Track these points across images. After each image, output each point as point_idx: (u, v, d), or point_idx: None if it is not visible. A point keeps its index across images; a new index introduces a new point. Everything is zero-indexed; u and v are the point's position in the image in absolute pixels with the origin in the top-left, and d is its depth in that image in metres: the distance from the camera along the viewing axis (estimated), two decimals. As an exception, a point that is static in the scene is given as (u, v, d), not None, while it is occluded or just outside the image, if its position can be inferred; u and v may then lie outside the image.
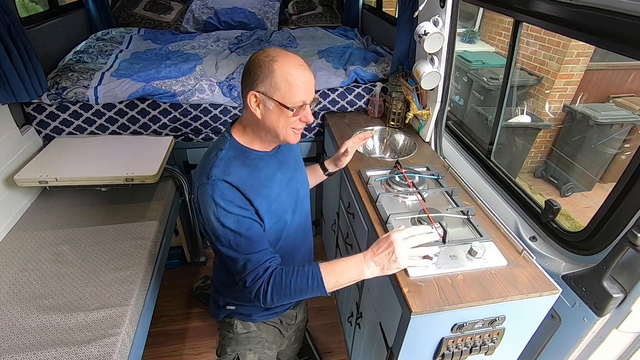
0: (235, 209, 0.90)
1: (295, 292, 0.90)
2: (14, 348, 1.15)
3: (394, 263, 0.88)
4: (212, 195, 0.89)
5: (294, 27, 3.22)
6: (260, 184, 0.96)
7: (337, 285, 0.91)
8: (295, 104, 0.89)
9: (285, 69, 0.86)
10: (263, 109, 0.90)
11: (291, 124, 0.92)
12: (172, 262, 2.40)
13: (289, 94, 0.87)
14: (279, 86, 0.87)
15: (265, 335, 1.23)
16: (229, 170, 0.91)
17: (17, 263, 1.45)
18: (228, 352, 1.18)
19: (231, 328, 1.20)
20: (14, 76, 1.59)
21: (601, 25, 0.94)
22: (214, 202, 0.89)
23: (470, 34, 5.01)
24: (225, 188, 0.89)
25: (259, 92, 0.88)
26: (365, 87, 2.08)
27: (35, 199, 1.81)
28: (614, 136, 3.36)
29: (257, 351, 1.19)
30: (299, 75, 0.87)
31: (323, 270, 0.90)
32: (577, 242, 1.10)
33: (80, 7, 2.62)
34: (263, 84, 0.87)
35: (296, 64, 0.88)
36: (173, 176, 2.02)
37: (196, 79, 1.99)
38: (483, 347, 1.06)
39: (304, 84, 0.89)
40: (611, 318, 0.98)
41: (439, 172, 1.46)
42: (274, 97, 0.88)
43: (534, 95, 3.95)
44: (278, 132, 0.93)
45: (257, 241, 0.92)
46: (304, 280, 0.89)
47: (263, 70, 0.86)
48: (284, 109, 0.89)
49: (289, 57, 0.88)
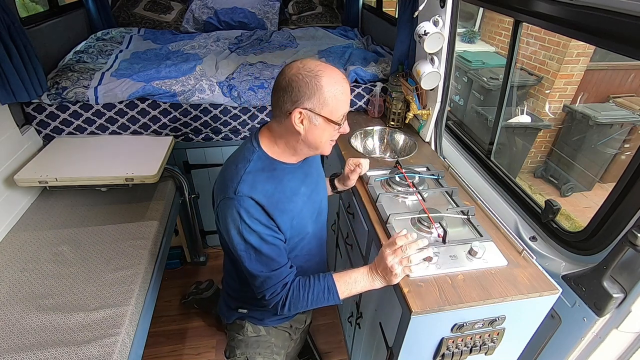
0: (259, 226, 0.89)
1: (312, 303, 0.95)
2: (14, 348, 1.15)
3: (392, 275, 0.93)
4: (238, 212, 0.87)
5: (294, 27, 3.22)
6: (286, 198, 0.95)
7: (350, 294, 0.97)
8: (340, 118, 0.90)
9: (332, 84, 0.85)
10: (307, 125, 0.88)
11: (332, 136, 0.94)
12: (172, 262, 2.40)
13: (336, 109, 0.88)
14: (327, 102, 0.86)
15: (274, 340, 1.22)
16: (256, 186, 0.90)
17: (17, 263, 1.45)
18: (237, 354, 1.18)
19: (241, 330, 1.19)
20: (14, 76, 1.59)
21: (601, 25, 0.94)
22: (239, 218, 0.88)
23: (470, 34, 5.01)
24: (250, 205, 0.88)
25: (306, 109, 0.86)
26: (365, 87, 2.08)
27: (35, 199, 1.81)
28: (614, 136, 3.36)
29: (266, 356, 1.19)
30: (344, 89, 0.89)
31: (337, 281, 0.95)
32: (577, 242, 1.10)
33: (80, 7, 2.62)
34: (310, 100, 0.85)
35: (341, 79, 0.88)
36: (173, 176, 2.02)
37: (196, 79, 1.99)
38: (483, 347, 1.06)
39: (347, 97, 0.90)
40: (611, 318, 0.98)
41: (439, 172, 1.46)
42: (321, 114, 0.87)
43: (534, 95, 3.95)
44: (319, 147, 0.94)
45: (277, 259, 0.93)
46: (320, 292, 0.94)
47: (310, 87, 0.84)
48: (331, 124, 0.89)
49: (333, 72, 0.87)
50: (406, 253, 0.92)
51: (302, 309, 0.97)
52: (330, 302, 0.95)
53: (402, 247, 0.92)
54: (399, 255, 0.92)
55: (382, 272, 0.94)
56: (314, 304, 0.95)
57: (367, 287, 0.97)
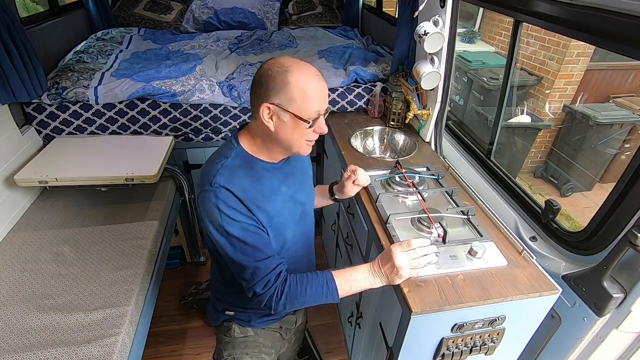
0: (240, 216, 0.88)
1: (310, 300, 0.92)
2: (14, 348, 1.15)
3: (397, 276, 0.92)
4: (215, 204, 0.86)
5: (294, 27, 3.22)
6: (263, 197, 0.93)
7: (349, 293, 0.94)
8: (311, 116, 0.86)
9: (301, 80, 0.83)
10: (277, 122, 0.86)
11: (306, 136, 0.90)
12: (172, 262, 2.40)
13: (304, 105, 0.84)
14: (294, 98, 0.83)
15: (262, 340, 1.21)
16: (232, 180, 0.89)
17: (17, 263, 1.45)
18: (224, 356, 1.17)
19: (228, 332, 1.18)
20: (14, 76, 1.59)
21: (601, 25, 0.94)
22: (218, 210, 0.86)
23: (470, 34, 5.01)
24: (227, 196, 0.87)
25: (273, 104, 0.84)
26: (365, 87, 2.08)
27: (35, 199, 1.81)
28: (614, 136, 3.36)
29: (253, 355, 1.18)
30: (314, 86, 0.85)
31: (336, 278, 0.92)
32: (577, 242, 1.10)
33: (80, 7, 2.62)
34: (277, 95, 0.83)
35: (312, 74, 0.86)
36: (173, 176, 2.02)
37: (196, 79, 1.99)
38: (483, 347, 1.06)
39: (319, 94, 0.86)
40: (611, 318, 0.98)
41: (439, 172, 1.46)
42: (289, 110, 0.84)
43: (534, 95, 3.95)
44: (292, 145, 0.91)
45: (264, 249, 0.91)
46: (319, 288, 0.91)
47: (277, 82, 0.83)
48: (300, 122, 0.86)
49: (303, 67, 0.85)
50: (417, 254, 0.92)
51: (299, 306, 0.93)
52: (329, 299, 0.92)
53: (416, 250, 0.92)
54: (410, 256, 0.92)
55: (386, 270, 0.93)
56: (312, 300, 0.92)
57: (366, 286, 0.95)
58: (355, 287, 0.94)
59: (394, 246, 0.93)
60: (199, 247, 2.40)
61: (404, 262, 0.90)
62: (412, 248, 0.92)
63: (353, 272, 0.95)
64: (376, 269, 0.94)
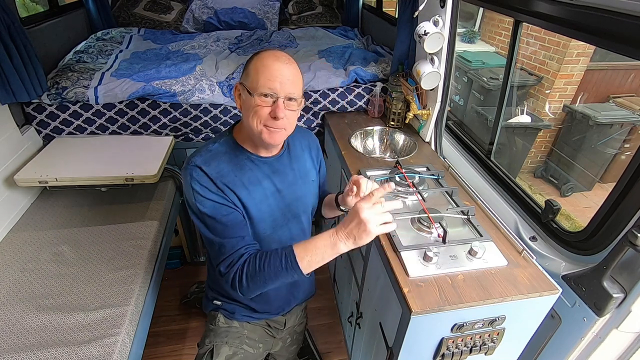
0: (211, 194, 0.91)
1: (270, 275, 0.87)
2: (14, 348, 1.15)
3: (364, 232, 0.81)
4: (190, 182, 0.91)
5: (294, 27, 3.22)
6: (240, 184, 0.95)
7: (312, 263, 0.86)
8: (257, 90, 0.87)
9: (259, 58, 0.90)
10: (241, 101, 0.94)
11: (261, 117, 0.89)
12: (172, 262, 2.40)
13: (255, 79, 0.88)
14: (249, 73, 0.90)
15: (247, 333, 1.22)
16: (211, 162, 0.93)
17: (17, 263, 1.45)
18: (205, 343, 1.19)
19: (214, 321, 1.21)
20: (14, 76, 1.59)
21: (601, 25, 0.94)
22: (191, 189, 0.91)
23: (470, 34, 5.01)
24: (200, 175, 0.91)
25: (239, 83, 0.94)
26: (365, 87, 2.08)
27: (35, 199, 1.81)
28: (614, 136, 3.36)
29: (233, 345, 1.19)
30: (269, 64, 0.88)
31: (296, 249, 0.86)
32: (577, 242, 1.10)
33: (80, 7, 2.62)
34: (243, 75, 0.93)
35: (272, 56, 0.89)
36: (173, 176, 2.02)
37: (196, 79, 1.99)
38: (483, 347, 1.06)
39: (273, 72, 0.87)
40: (611, 318, 0.98)
41: (439, 172, 1.46)
42: (245, 85, 0.91)
43: (534, 95, 3.95)
44: (251, 126, 0.91)
45: (233, 227, 0.92)
46: (277, 261, 0.86)
47: (246, 63, 0.93)
48: (250, 97, 0.89)
49: (269, 50, 0.92)
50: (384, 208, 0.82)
51: (263, 284, 0.89)
52: (291, 273, 0.86)
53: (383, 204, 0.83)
54: (377, 210, 0.81)
55: (352, 228, 0.82)
56: (274, 276, 0.87)
57: (330, 252, 0.85)
58: (317, 254, 0.85)
59: (358, 202, 0.83)
60: (199, 247, 2.40)
61: (370, 216, 0.80)
62: (378, 202, 0.82)
63: (313, 241, 0.86)
64: (340, 232, 0.84)
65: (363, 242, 0.83)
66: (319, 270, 0.95)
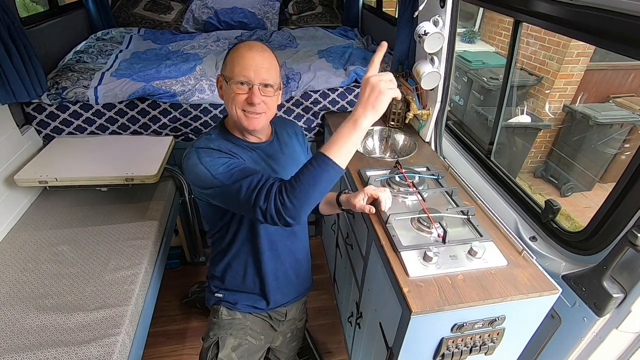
0: (221, 155, 0.95)
1: (310, 182, 0.83)
2: (14, 348, 1.15)
3: (381, 94, 0.81)
4: (197, 157, 0.95)
5: (294, 27, 3.22)
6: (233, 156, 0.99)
7: (342, 152, 0.83)
8: (233, 78, 0.94)
9: (235, 50, 0.96)
10: (222, 91, 1.01)
11: (238, 103, 0.96)
12: (172, 262, 2.40)
13: (231, 68, 0.95)
14: (227, 63, 0.97)
15: (250, 324, 1.25)
16: (212, 142, 0.99)
17: (17, 263, 1.45)
18: (210, 336, 1.20)
19: (217, 314, 1.23)
20: (14, 76, 1.59)
21: (601, 25, 0.94)
22: (200, 164, 0.93)
23: (470, 34, 5.01)
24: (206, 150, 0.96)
25: (220, 74, 1.00)
26: (365, 87, 2.08)
27: (35, 199, 1.81)
28: (614, 136, 3.36)
29: (237, 336, 1.21)
30: (243, 53, 0.94)
31: (322, 148, 0.85)
32: (577, 242, 1.10)
33: (80, 7, 2.62)
34: (222, 66, 1.00)
35: (246, 46, 0.96)
36: (173, 176, 2.02)
37: (196, 79, 1.99)
38: (483, 347, 1.06)
39: (247, 61, 0.93)
40: (611, 318, 0.98)
41: (439, 172, 1.46)
42: (224, 74, 0.98)
43: (534, 95, 3.95)
44: (231, 113, 0.99)
45: (253, 168, 0.94)
46: (310, 167, 0.83)
47: (225, 56, 0.99)
48: (226, 85, 0.96)
49: (245, 42, 0.98)
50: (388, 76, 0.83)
51: (306, 196, 0.83)
52: (327, 170, 0.82)
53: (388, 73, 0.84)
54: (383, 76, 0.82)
55: (369, 96, 0.81)
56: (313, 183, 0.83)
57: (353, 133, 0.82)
58: (342, 139, 0.83)
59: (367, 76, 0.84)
60: (199, 247, 2.39)
61: (379, 81, 0.81)
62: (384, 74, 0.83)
63: (336, 132, 0.85)
64: (358, 109, 0.82)
65: (381, 106, 0.81)
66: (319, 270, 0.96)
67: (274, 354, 1.45)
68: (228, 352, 1.18)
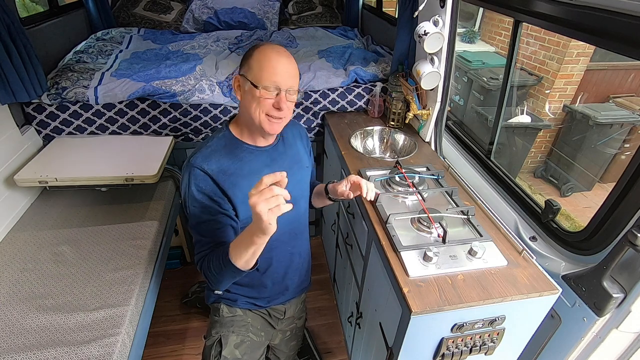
0: (203, 197, 0.97)
1: (218, 273, 0.93)
2: (14, 348, 1.15)
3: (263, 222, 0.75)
4: (188, 179, 0.97)
5: (294, 27, 3.22)
6: (241, 175, 1.00)
7: (243, 256, 0.85)
8: (262, 82, 0.93)
9: (261, 52, 0.94)
10: (242, 92, 0.98)
11: (264, 108, 0.95)
12: (172, 262, 2.40)
13: (259, 72, 0.93)
14: (252, 66, 0.94)
15: (251, 321, 1.26)
16: (211, 158, 0.98)
17: (17, 263, 1.45)
18: (212, 334, 1.21)
19: (217, 312, 1.24)
20: (14, 76, 1.59)
21: (601, 25, 0.94)
22: (187, 185, 0.98)
23: (470, 34, 5.02)
24: (199, 175, 0.97)
25: (240, 75, 0.98)
26: (365, 87, 2.08)
27: (35, 199, 1.80)
28: (614, 136, 3.36)
29: (240, 333, 1.22)
30: (272, 57, 0.93)
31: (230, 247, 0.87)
32: (577, 242, 1.10)
33: (80, 7, 2.62)
34: (243, 67, 0.97)
35: (274, 50, 0.95)
36: (173, 176, 2.02)
37: (196, 79, 1.99)
38: (483, 347, 1.06)
39: (277, 65, 0.93)
40: (611, 318, 0.98)
41: (439, 172, 1.46)
42: (248, 77, 0.95)
43: (534, 95, 3.95)
44: (252, 116, 0.96)
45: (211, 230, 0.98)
46: (218, 262, 0.91)
47: (246, 56, 0.97)
48: (254, 89, 0.93)
49: (269, 45, 0.96)
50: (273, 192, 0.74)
51: (216, 281, 0.95)
52: (229, 269, 0.87)
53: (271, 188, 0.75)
54: (265, 196, 0.74)
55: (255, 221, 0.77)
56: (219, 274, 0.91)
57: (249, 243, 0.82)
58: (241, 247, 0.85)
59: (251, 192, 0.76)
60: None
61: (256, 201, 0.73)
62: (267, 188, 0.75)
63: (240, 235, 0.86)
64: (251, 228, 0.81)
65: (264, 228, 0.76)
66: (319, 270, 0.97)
67: (273, 353, 1.46)
68: (231, 349, 1.18)
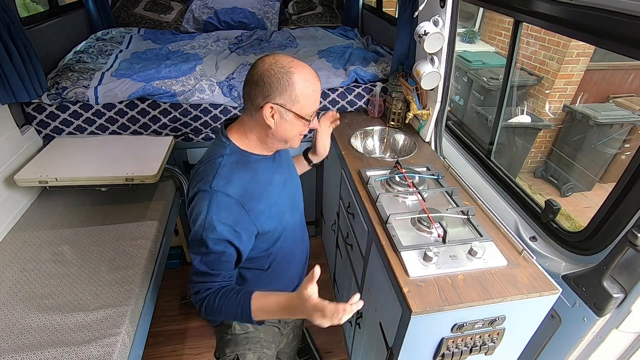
0: (224, 228, 0.89)
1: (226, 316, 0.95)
2: (14, 348, 1.15)
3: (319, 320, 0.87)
4: (209, 205, 0.88)
5: (294, 27, 3.22)
6: (261, 187, 0.97)
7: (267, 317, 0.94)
8: (310, 115, 0.93)
9: (303, 82, 0.87)
10: (278, 120, 0.90)
11: (302, 131, 0.96)
12: (172, 262, 2.40)
13: (307, 106, 0.90)
14: (298, 99, 0.88)
15: (263, 335, 1.23)
16: (232, 178, 0.91)
17: (17, 263, 1.45)
18: (227, 353, 1.17)
19: (229, 329, 1.19)
20: (14, 76, 1.59)
21: (601, 25, 0.94)
22: (206, 211, 0.88)
23: (470, 34, 5.01)
24: (222, 203, 0.89)
25: (277, 104, 0.88)
26: (365, 87, 2.08)
27: (35, 199, 1.80)
28: (614, 136, 3.36)
29: (256, 351, 1.19)
30: (315, 87, 0.91)
31: (254, 301, 0.90)
32: (577, 242, 1.10)
33: (80, 7, 2.62)
34: (282, 96, 0.87)
35: (312, 76, 0.90)
36: (173, 176, 2.02)
37: (196, 79, 1.99)
38: (483, 347, 1.06)
39: (317, 94, 0.93)
40: (611, 318, 0.98)
41: (439, 172, 1.46)
42: (292, 109, 0.89)
43: (534, 95, 3.95)
44: (288, 140, 0.96)
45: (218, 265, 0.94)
46: (233, 308, 0.91)
47: (282, 83, 0.86)
48: (300, 120, 0.91)
49: (305, 69, 0.89)
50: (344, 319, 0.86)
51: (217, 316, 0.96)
52: (246, 320, 0.92)
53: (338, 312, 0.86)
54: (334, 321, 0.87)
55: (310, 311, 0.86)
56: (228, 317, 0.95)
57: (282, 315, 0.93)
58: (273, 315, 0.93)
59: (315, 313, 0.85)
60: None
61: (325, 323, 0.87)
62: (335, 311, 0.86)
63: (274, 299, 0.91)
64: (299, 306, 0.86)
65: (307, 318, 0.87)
66: (319, 270, 0.96)
67: (276, 355, 1.45)
68: None
